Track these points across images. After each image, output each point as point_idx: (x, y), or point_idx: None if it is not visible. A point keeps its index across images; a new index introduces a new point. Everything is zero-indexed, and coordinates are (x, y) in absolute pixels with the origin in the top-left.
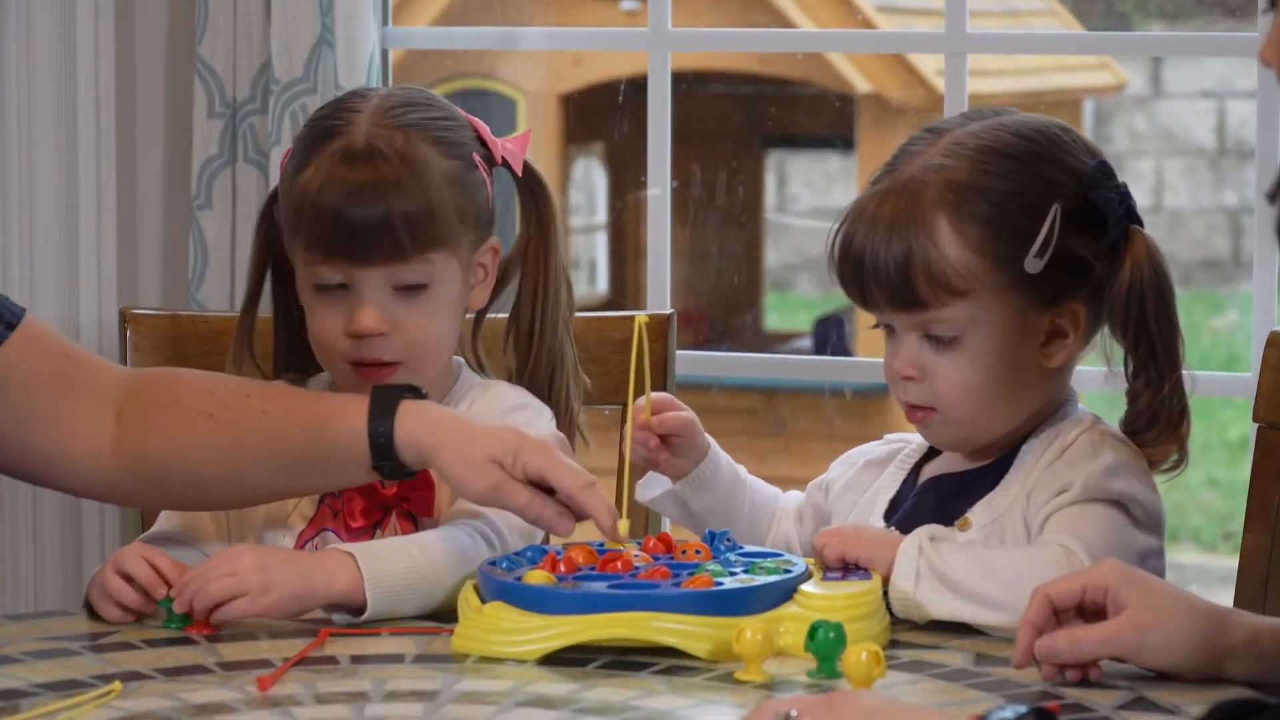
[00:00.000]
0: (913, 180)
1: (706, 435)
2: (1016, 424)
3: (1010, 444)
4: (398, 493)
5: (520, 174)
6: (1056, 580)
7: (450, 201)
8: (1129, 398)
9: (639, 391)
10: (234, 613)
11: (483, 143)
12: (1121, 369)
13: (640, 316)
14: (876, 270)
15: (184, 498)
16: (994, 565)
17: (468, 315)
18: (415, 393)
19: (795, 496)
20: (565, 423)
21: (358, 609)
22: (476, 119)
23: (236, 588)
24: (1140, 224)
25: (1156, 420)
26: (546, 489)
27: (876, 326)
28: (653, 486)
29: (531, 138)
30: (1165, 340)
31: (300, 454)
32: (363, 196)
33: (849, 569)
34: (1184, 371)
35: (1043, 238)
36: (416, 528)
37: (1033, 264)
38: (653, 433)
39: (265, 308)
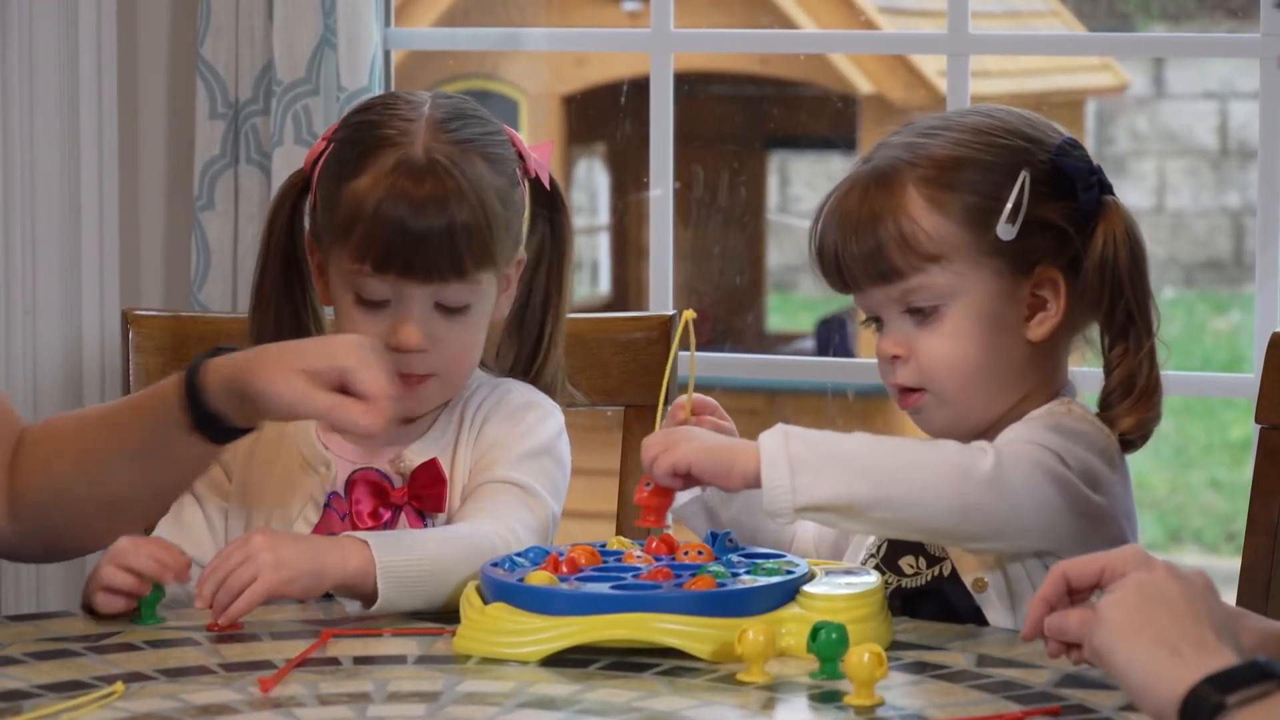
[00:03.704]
0: (883, 160)
1: None
2: (1007, 406)
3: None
4: (408, 491)
5: (548, 188)
6: (1077, 559)
7: (500, 221)
8: (1106, 370)
9: (677, 391)
10: (252, 599)
11: (519, 156)
12: (1100, 346)
13: (688, 312)
14: (850, 247)
15: (62, 530)
16: (872, 439)
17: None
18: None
19: None
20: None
21: (368, 596)
22: (513, 131)
23: (252, 572)
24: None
25: (1130, 391)
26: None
27: (866, 322)
28: (680, 494)
29: (533, 138)
30: (1140, 306)
31: (139, 441)
32: (426, 212)
33: (688, 481)
34: (1157, 341)
35: (1012, 202)
36: (425, 524)
37: (1005, 229)
38: None
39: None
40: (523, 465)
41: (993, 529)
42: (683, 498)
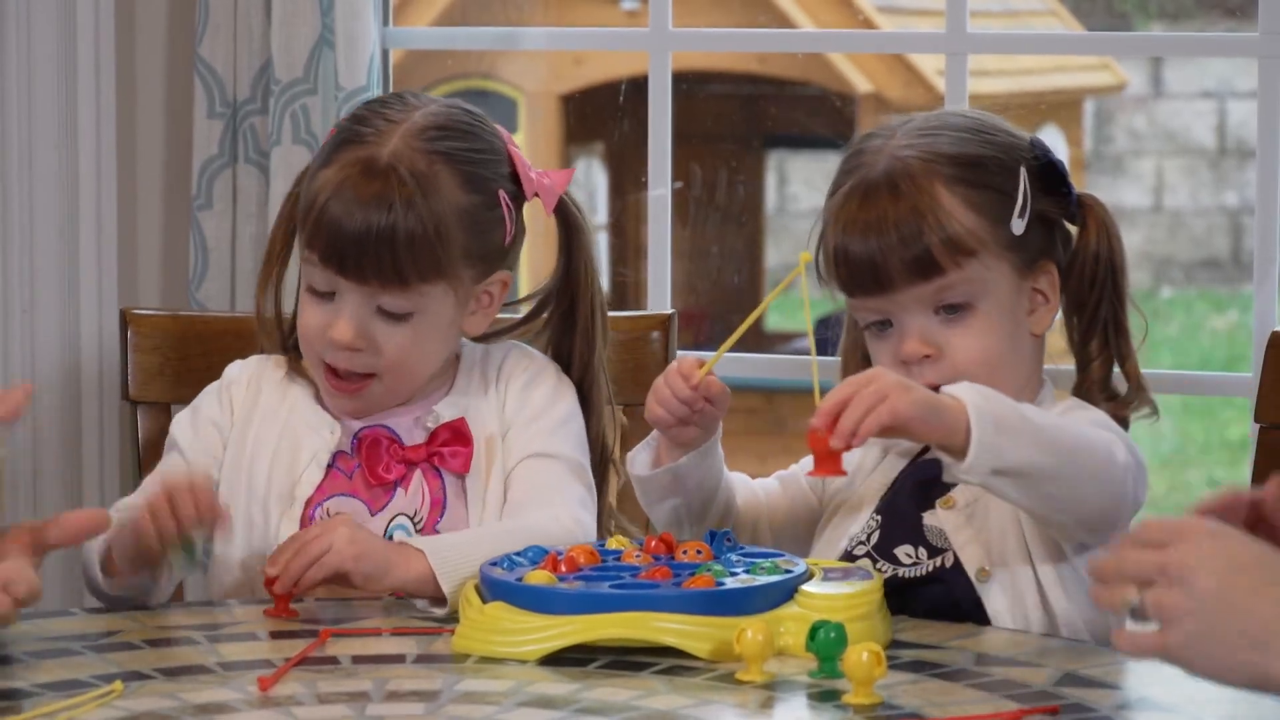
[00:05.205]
0: (895, 163)
1: None
2: (1012, 396)
3: None
4: (427, 448)
5: (551, 212)
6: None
7: (457, 239)
8: (1080, 365)
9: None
10: (325, 568)
11: (515, 176)
12: (1069, 339)
13: (805, 254)
14: (890, 242)
15: None
16: (1041, 411)
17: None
18: None
19: (766, 481)
20: (598, 458)
21: (435, 599)
22: (518, 151)
23: (327, 543)
24: None
25: (1114, 396)
26: None
27: (869, 326)
28: (643, 460)
29: (531, 138)
30: (1122, 298)
31: None
32: (367, 215)
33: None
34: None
35: (1021, 197)
36: (443, 483)
37: (1017, 224)
38: (700, 395)
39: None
40: (558, 435)
41: (1114, 514)
42: (648, 465)
